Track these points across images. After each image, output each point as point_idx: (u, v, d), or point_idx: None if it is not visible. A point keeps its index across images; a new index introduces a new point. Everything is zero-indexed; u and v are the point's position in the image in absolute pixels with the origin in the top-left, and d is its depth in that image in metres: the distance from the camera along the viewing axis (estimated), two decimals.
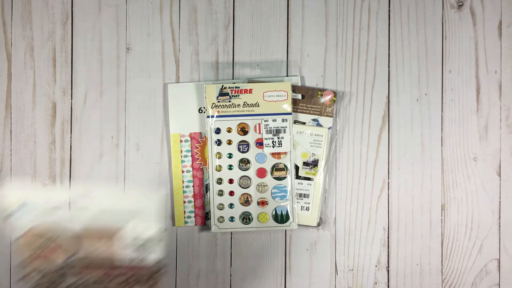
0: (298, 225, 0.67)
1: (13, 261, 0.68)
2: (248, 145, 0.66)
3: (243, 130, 0.66)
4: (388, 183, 0.68)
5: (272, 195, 0.66)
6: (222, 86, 0.66)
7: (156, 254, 0.65)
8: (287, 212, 0.66)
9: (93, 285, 0.65)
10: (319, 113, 0.67)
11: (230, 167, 0.67)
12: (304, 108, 0.67)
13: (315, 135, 0.67)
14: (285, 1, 0.69)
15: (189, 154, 0.67)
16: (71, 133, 0.69)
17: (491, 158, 0.68)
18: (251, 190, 0.66)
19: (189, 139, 0.67)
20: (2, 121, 0.69)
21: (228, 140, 0.66)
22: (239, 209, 0.66)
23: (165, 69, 0.69)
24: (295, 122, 0.67)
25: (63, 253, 0.65)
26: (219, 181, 0.66)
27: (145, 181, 0.68)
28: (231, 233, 0.68)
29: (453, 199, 0.68)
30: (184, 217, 0.67)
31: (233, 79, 0.68)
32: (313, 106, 0.67)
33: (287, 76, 0.68)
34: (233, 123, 0.66)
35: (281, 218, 0.66)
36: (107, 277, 0.65)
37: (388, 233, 0.68)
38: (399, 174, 0.68)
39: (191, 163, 0.67)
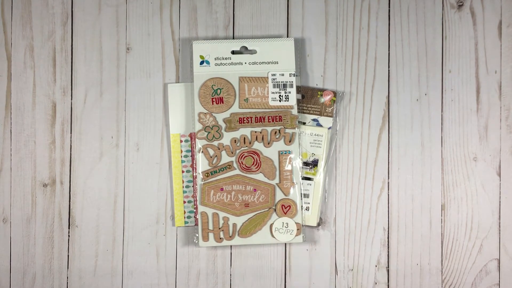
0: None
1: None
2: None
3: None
4: (388, 183, 0.68)
5: None
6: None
7: None
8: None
9: None
10: (319, 113, 0.67)
11: None
12: (304, 108, 0.67)
13: (315, 135, 0.67)
14: (285, 1, 0.69)
15: (189, 154, 0.67)
16: (71, 133, 0.69)
17: (491, 158, 0.68)
18: None
19: (189, 139, 0.67)
20: (2, 121, 0.69)
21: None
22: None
23: (165, 69, 0.69)
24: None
25: None
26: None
27: (145, 181, 0.68)
28: None
29: (453, 199, 0.68)
30: (184, 217, 0.67)
31: None
32: (313, 106, 0.67)
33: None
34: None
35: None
36: None
37: (388, 233, 0.68)
38: (399, 174, 0.68)
39: (191, 163, 0.67)
